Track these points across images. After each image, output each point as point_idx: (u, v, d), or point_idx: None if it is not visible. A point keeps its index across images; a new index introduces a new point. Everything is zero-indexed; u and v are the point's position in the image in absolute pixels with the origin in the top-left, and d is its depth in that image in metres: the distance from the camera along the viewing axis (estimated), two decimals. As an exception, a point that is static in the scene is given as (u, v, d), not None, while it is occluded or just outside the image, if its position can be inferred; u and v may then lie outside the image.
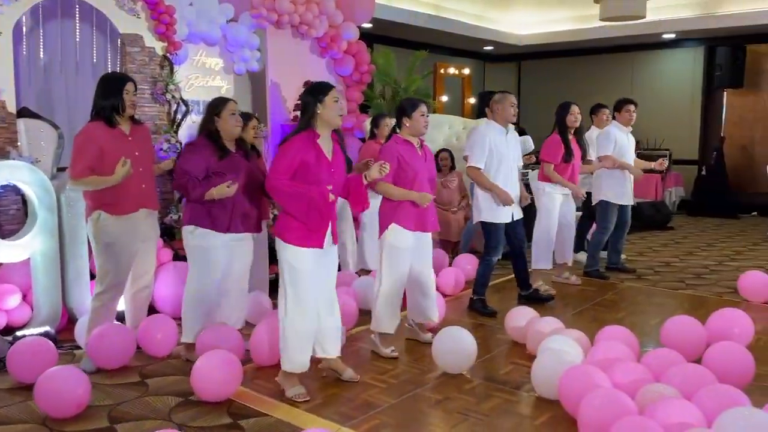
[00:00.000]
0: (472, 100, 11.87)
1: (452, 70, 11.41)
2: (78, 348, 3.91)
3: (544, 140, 5.37)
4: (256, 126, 4.39)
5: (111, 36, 5.39)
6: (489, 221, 4.59)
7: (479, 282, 4.78)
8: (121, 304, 3.87)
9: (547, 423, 3.00)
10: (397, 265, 3.83)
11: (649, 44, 10.78)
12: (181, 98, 5.59)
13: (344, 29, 6.95)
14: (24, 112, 4.74)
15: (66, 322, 4.27)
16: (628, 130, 5.87)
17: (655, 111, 10.75)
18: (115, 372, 3.59)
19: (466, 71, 11.71)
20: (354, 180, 3.36)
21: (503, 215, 4.60)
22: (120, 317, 3.94)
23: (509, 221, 4.64)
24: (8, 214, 4.49)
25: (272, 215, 4.68)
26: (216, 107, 3.64)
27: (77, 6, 5.22)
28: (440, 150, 6.50)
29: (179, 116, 5.60)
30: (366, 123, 6.73)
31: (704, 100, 10.73)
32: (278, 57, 6.54)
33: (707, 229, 8.78)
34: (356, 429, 2.93)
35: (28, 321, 4.12)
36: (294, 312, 3.19)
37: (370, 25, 8.42)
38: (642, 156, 10.21)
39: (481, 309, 4.75)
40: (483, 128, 4.59)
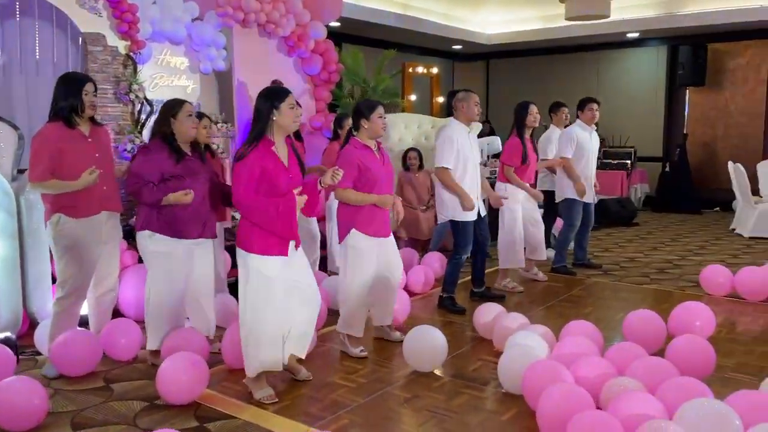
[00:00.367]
0: (441, 99, 11.92)
1: (421, 69, 11.44)
2: (40, 354, 3.83)
3: (506, 142, 5.42)
4: (208, 126, 4.34)
5: (72, 35, 5.29)
6: (459, 219, 4.62)
7: (448, 280, 4.80)
8: (85, 308, 3.79)
9: (513, 418, 3.03)
10: (361, 268, 3.80)
11: (614, 43, 10.96)
12: (146, 98, 5.51)
13: (312, 28, 6.92)
14: (-18, 113, 4.62)
15: (27, 328, 4.17)
16: (592, 129, 5.95)
17: (620, 109, 10.94)
18: (79, 377, 3.52)
19: (435, 70, 11.76)
20: (309, 185, 3.31)
21: (471, 213, 4.64)
22: (83, 322, 3.87)
23: (474, 219, 4.68)
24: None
25: (233, 216, 4.63)
26: (171, 109, 3.55)
27: (36, 4, 5.11)
28: (409, 149, 6.52)
29: (144, 116, 5.52)
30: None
31: (667, 98, 10.95)
32: (245, 56, 6.48)
33: (671, 225, 8.97)
34: (325, 429, 2.92)
35: (-12, 327, 4.02)
36: (258, 320, 3.13)
37: (338, 24, 8.40)
38: (608, 153, 10.48)
39: (451, 306, 4.77)
40: (449, 128, 4.61)
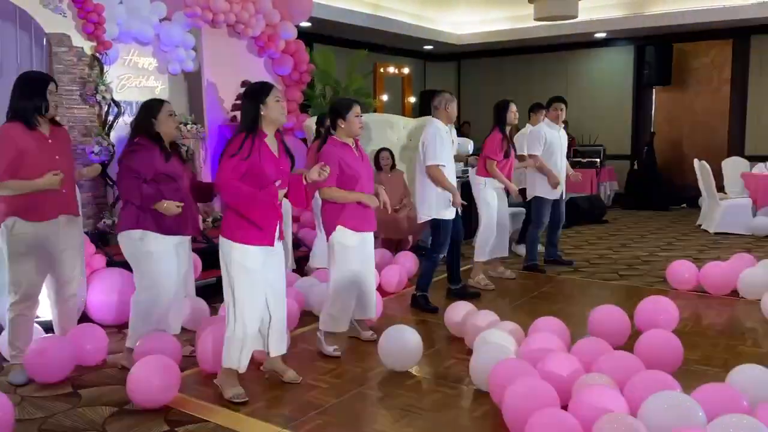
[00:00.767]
0: (413, 99, 11.97)
1: (392, 69, 11.47)
2: (6, 360, 3.75)
3: (486, 137, 5.48)
4: (177, 127, 4.32)
5: (36, 36, 5.19)
6: (441, 218, 4.66)
7: (423, 278, 4.84)
8: (49, 313, 3.73)
9: (485, 415, 3.06)
10: (349, 264, 3.86)
11: (582, 43, 11.12)
12: (113, 99, 5.43)
13: (282, 28, 6.90)
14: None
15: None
16: (559, 128, 6.04)
17: (589, 108, 11.11)
18: (46, 384, 3.46)
19: (406, 70, 11.80)
20: (295, 179, 3.35)
21: (450, 212, 4.70)
22: (48, 327, 3.81)
23: (453, 217, 4.74)
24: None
25: (203, 219, 4.60)
26: (153, 108, 3.56)
27: (-2, 4, 5.01)
28: (381, 149, 6.52)
29: (111, 118, 5.44)
30: (310, 122, 6.69)
31: (635, 98, 11.15)
32: (214, 57, 6.44)
33: (639, 222, 9.13)
34: (299, 430, 2.92)
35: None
36: (241, 312, 3.16)
37: (309, 24, 8.38)
38: (578, 152, 10.63)
39: (424, 305, 4.80)
40: (434, 127, 4.66)
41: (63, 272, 3.59)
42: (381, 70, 11.18)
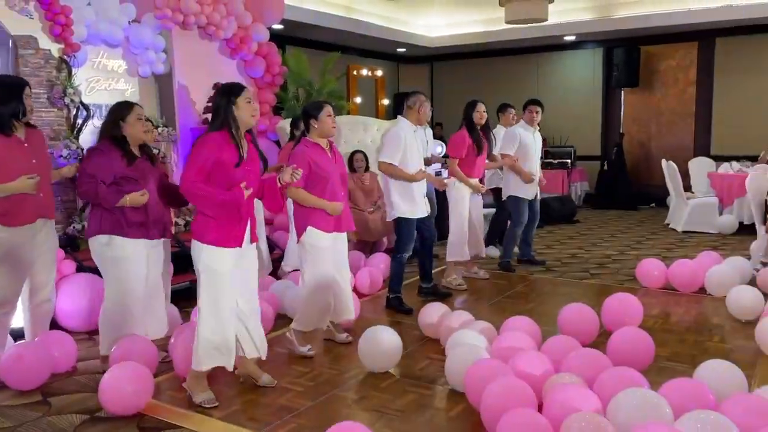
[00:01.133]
0: (387, 102, 12.00)
1: (365, 72, 11.49)
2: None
3: (451, 136, 5.53)
4: (150, 130, 4.27)
5: (1, 38, 5.08)
6: (403, 217, 4.68)
7: (394, 280, 4.85)
8: (20, 320, 3.66)
9: (460, 414, 3.09)
10: (321, 265, 3.85)
11: (553, 46, 11.27)
12: (81, 102, 5.35)
13: (254, 30, 6.86)
14: None
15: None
16: (533, 129, 6.12)
17: (560, 110, 11.26)
18: (15, 391, 3.39)
19: (380, 73, 11.83)
20: (269, 181, 3.35)
21: (417, 210, 4.70)
22: (19, 334, 3.73)
23: (421, 216, 4.74)
24: None
25: (176, 222, 4.57)
26: (121, 111, 3.52)
27: (-39, 5, 4.90)
28: (355, 151, 6.53)
29: (80, 121, 5.35)
30: (284, 124, 6.66)
31: (604, 99, 11.33)
32: (185, 59, 6.38)
33: (610, 221, 9.28)
34: (272, 434, 2.91)
35: None
36: (210, 314, 3.14)
37: (281, 27, 8.36)
38: (549, 153, 10.76)
39: (398, 306, 4.82)
40: (398, 126, 4.69)
41: (37, 277, 3.55)
42: (354, 73, 11.19)
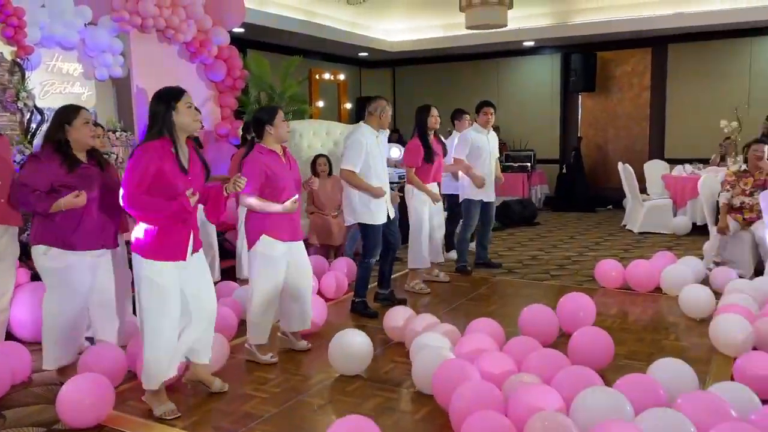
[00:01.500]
0: (349, 106, 12.00)
1: (327, 76, 11.48)
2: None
3: (407, 144, 5.56)
4: (100, 135, 4.19)
5: (-51, 39, 4.93)
6: (367, 223, 4.68)
7: (359, 284, 4.85)
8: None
9: (426, 416, 3.11)
10: (273, 275, 3.80)
11: (512, 51, 11.45)
12: (35, 106, 5.21)
13: (214, 34, 6.79)
14: None
15: None
16: (487, 132, 6.17)
17: (520, 114, 11.45)
18: (-33, 407, 3.28)
19: (342, 77, 11.83)
20: (214, 189, 3.25)
21: (380, 216, 4.71)
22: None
23: (384, 221, 4.75)
24: None
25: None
26: (66, 115, 3.37)
27: None
28: (318, 155, 6.51)
29: (34, 125, 5.21)
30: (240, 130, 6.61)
31: (562, 104, 11.56)
32: (144, 62, 6.27)
33: (569, 223, 9.46)
34: (237, 442, 2.88)
35: None
36: (154, 332, 3.05)
37: (242, 30, 8.28)
38: (509, 156, 10.92)
39: (363, 311, 4.82)
40: (358, 132, 4.68)
41: None
42: (317, 77, 11.17)
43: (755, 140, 5.92)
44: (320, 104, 11.13)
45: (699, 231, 7.66)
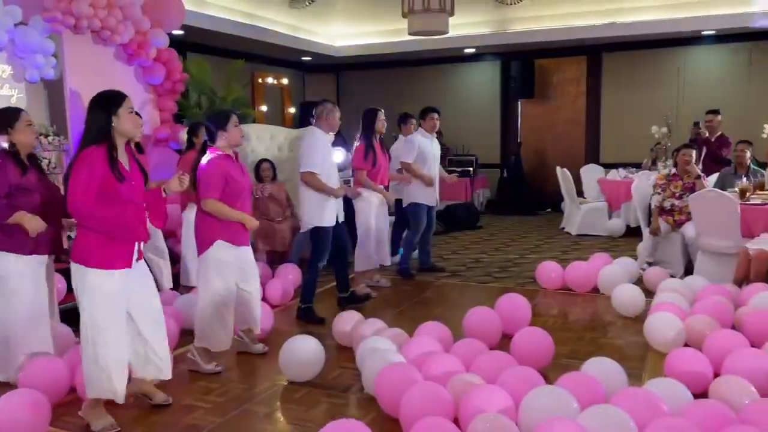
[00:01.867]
0: (293, 110, 11.92)
1: (271, 80, 11.37)
2: None
3: (355, 148, 5.57)
4: (37, 138, 4.05)
5: None
6: (318, 225, 4.68)
7: (306, 290, 4.83)
8: None
9: (374, 420, 3.11)
10: (226, 280, 3.78)
11: (455, 57, 11.63)
12: (-39, 109, 4.94)
13: (152, 36, 6.61)
14: None
15: None
16: (432, 137, 6.26)
17: (462, 120, 11.63)
18: None
19: (285, 81, 11.74)
20: (153, 194, 3.17)
21: (329, 218, 4.71)
22: None
23: (333, 224, 4.76)
24: None
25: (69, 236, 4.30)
26: (8, 119, 3.31)
27: None
28: (262, 160, 6.43)
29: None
30: (182, 133, 6.46)
31: (503, 109, 11.82)
32: (78, 64, 6.04)
33: (510, 226, 9.67)
34: (181, 454, 2.81)
35: None
36: (102, 339, 2.94)
37: (182, 32, 8.11)
38: (452, 161, 11.08)
39: (310, 317, 4.79)
40: (313, 136, 4.68)
41: None
42: (260, 81, 11.04)
43: (684, 145, 6.20)
44: (263, 108, 11.01)
45: (633, 232, 7.97)
